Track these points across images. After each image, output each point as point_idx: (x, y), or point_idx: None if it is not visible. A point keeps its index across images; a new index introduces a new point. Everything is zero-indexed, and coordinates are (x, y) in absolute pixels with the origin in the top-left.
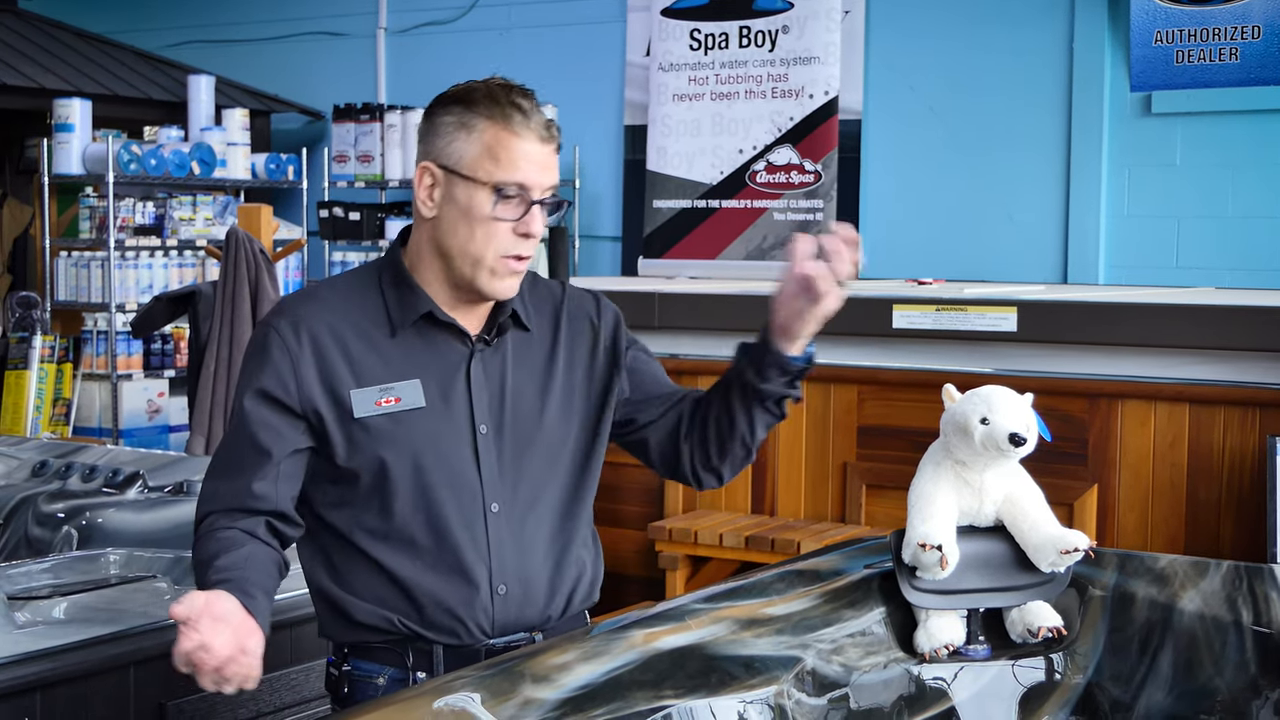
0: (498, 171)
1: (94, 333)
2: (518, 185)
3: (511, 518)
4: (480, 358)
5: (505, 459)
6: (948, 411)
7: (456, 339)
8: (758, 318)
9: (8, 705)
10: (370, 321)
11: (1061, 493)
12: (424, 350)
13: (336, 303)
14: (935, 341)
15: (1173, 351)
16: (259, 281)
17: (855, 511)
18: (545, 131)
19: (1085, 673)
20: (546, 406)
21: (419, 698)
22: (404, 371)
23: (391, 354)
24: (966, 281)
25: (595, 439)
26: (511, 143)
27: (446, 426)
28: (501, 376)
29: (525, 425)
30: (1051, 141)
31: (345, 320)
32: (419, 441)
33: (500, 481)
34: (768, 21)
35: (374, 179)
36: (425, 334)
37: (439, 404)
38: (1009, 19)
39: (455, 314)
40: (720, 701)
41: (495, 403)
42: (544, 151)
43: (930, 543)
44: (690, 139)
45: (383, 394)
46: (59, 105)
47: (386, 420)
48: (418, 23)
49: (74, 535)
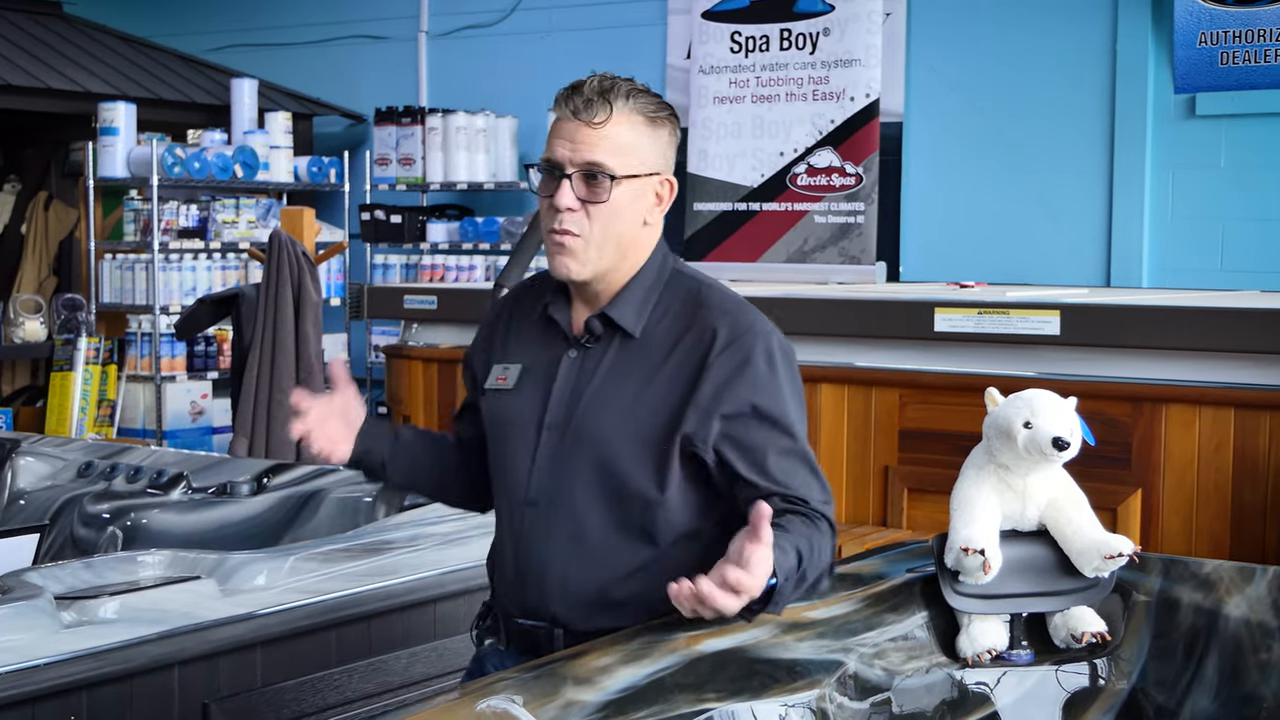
0: (544, 152)
1: (138, 335)
2: (546, 160)
3: (547, 517)
4: (574, 358)
5: (558, 460)
6: (990, 415)
7: (562, 336)
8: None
9: (54, 704)
10: (534, 305)
11: (1105, 497)
12: (537, 340)
13: (535, 283)
14: (977, 345)
15: (1217, 355)
16: (301, 284)
17: (897, 515)
18: (584, 109)
19: (1129, 678)
20: (618, 420)
21: (462, 699)
22: (519, 355)
23: (524, 338)
24: (1009, 285)
25: (664, 473)
26: (554, 124)
27: (521, 415)
28: (589, 380)
29: (586, 432)
30: (1094, 144)
31: (525, 300)
32: (501, 422)
33: (547, 479)
34: (809, 24)
35: (415, 182)
36: (546, 325)
37: (524, 393)
38: (1051, 21)
39: (574, 309)
40: (762, 705)
41: (570, 403)
42: (573, 126)
43: (973, 547)
44: (731, 141)
45: (503, 371)
46: (104, 109)
47: (493, 396)
48: (459, 26)
49: (119, 536)
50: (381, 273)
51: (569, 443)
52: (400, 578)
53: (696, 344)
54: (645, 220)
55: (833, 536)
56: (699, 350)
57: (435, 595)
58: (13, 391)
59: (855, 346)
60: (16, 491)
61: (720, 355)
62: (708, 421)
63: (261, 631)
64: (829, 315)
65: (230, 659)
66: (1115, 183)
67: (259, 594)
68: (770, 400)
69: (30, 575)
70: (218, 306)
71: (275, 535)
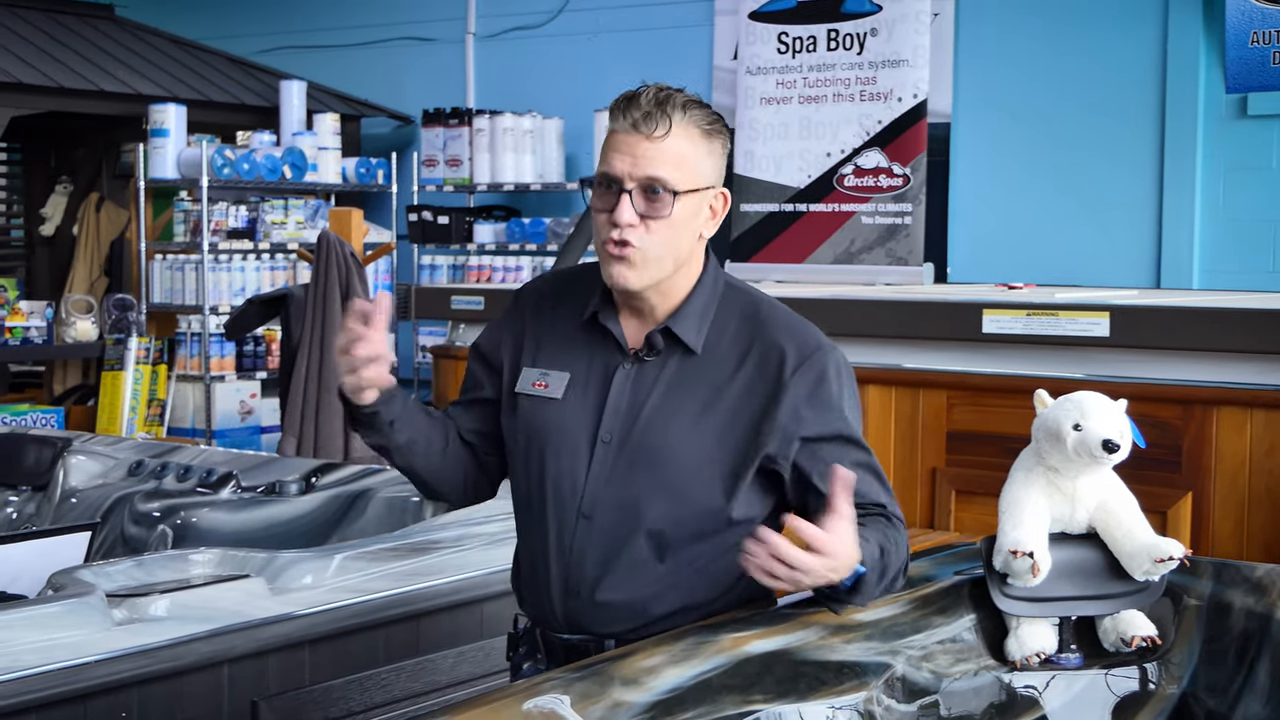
0: (599, 164)
1: (188, 334)
2: (604, 175)
3: (603, 530)
4: (630, 371)
5: (617, 473)
6: (1040, 417)
7: (614, 346)
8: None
9: (106, 701)
10: (573, 309)
11: (1155, 500)
12: (585, 348)
13: (566, 284)
14: (1026, 346)
15: (1269, 357)
16: (349, 284)
17: (944, 517)
18: (643, 121)
19: (1180, 683)
20: (688, 435)
21: (509, 698)
22: (564, 362)
23: (566, 343)
24: (1057, 286)
25: (734, 489)
26: (610, 136)
27: (573, 427)
28: (647, 394)
29: (649, 447)
30: (1144, 144)
31: (560, 301)
32: (544, 431)
33: (603, 493)
34: (856, 24)
35: (462, 183)
36: (592, 333)
37: (575, 403)
38: (1101, 20)
39: (624, 320)
40: (809, 707)
41: (628, 417)
42: (632, 140)
43: (1022, 549)
44: (778, 142)
45: (541, 377)
46: (155, 111)
47: (529, 402)
48: (506, 28)
49: (169, 534)
50: (428, 273)
51: (627, 457)
52: (447, 577)
53: (764, 362)
54: (701, 234)
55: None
56: (770, 368)
57: (482, 595)
58: (64, 391)
59: (903, 348)
60: (69, 490)
61: (795, 375)
62: (789, 440)
63: (310, 630)
64: (876, 317)
65: (279, 657)
66: (1165, 183)
67: (307, 593)
68: (844, 418)
69: (82, 573)
70: (266, 307)
71: (323, 534)
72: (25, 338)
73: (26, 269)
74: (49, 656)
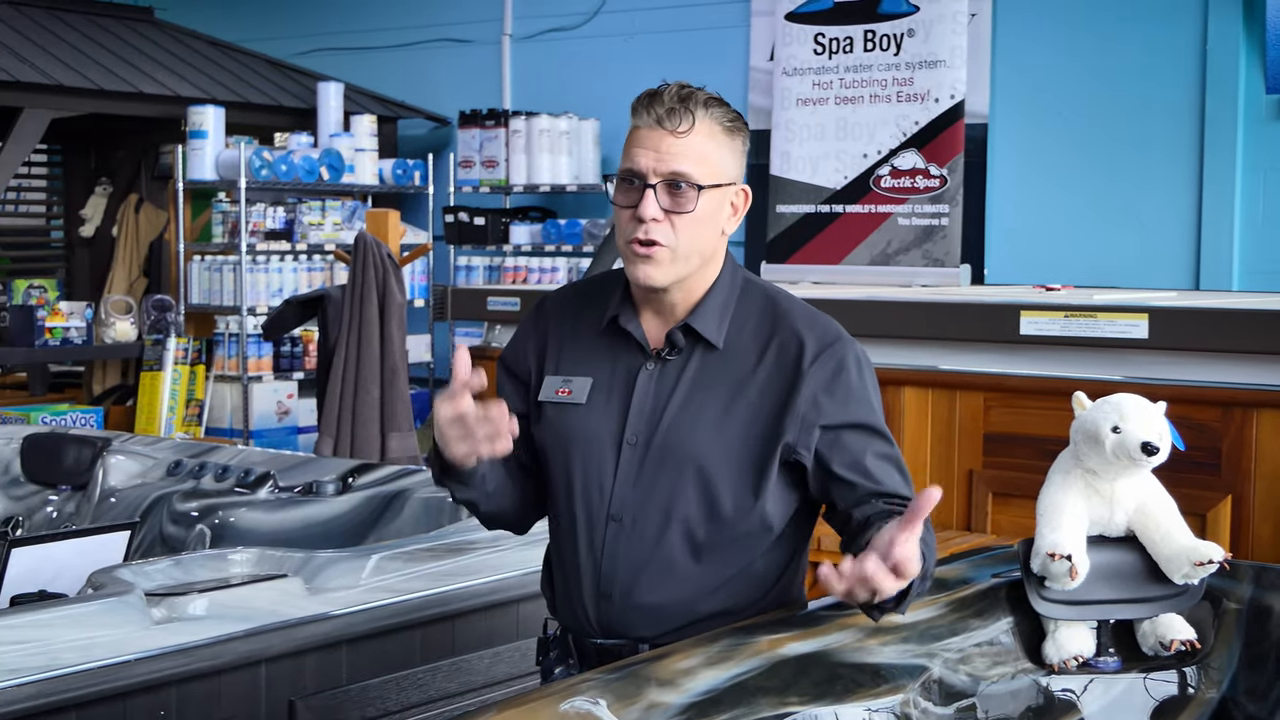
0: (622, 161)
1: (225, 335)
2: (628, 170)
3: (633, 531)
4: (653, 371)
5: (644, 474)
6: (1078, 419)
7: (636, 348)
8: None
9: (144, 699)
10: (594, 316)
11: (1194, 503)
12: (606, 352)
13: (587, 291)
14: (1064, 348)
15: None
16: (386, 285)
17: (981, 520)
18: (667, 117)
19: (1219, 687)
20: (712, 432)
21: (545, 699)
22: (586, 368)
23: (588, 349)
24: (1096, 287)
25: (761, 482)
26: (632, 133)
27: (598, 431)
28: (670, 392)
29: (675, 445)
30: (1183, 144)
31: (581, 309)
32: (570, 437)
33: (631, 494)
34: (893, 25)
35: (499, 184)
36: (614, 337)
37: (599, 407)
38: (1139, 20)
39: (645, 321)
40: (846, 709)
41: (653, 417)
42: (656, 135)
43: (1060, 552)
44: (814, 143)
45: (563, 384)
46: (193, 112)
47: (554, 410)
48: (542, 29)
49: (207, 534)
50: (465, 274)
51: (654, 456)
52: (484, 577)
53: (783, 353)
54: (723, 230)
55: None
56: (789, 359)
57: (518, 595)
58: (103, 391)
59: (939, 350)
60: (108, 489)
61: (814, 364)
62: (809, 429)
63: (347, 630)
64: (912, 318)
65: (316, 656)
66: (1205, 184)
67: (344, 593)
68: (865, 407)
69: (121, 572)
70: (304, 307)
71: (360, 534)
72: (65, 338)
73: (66, 270)
74: (88, 655)
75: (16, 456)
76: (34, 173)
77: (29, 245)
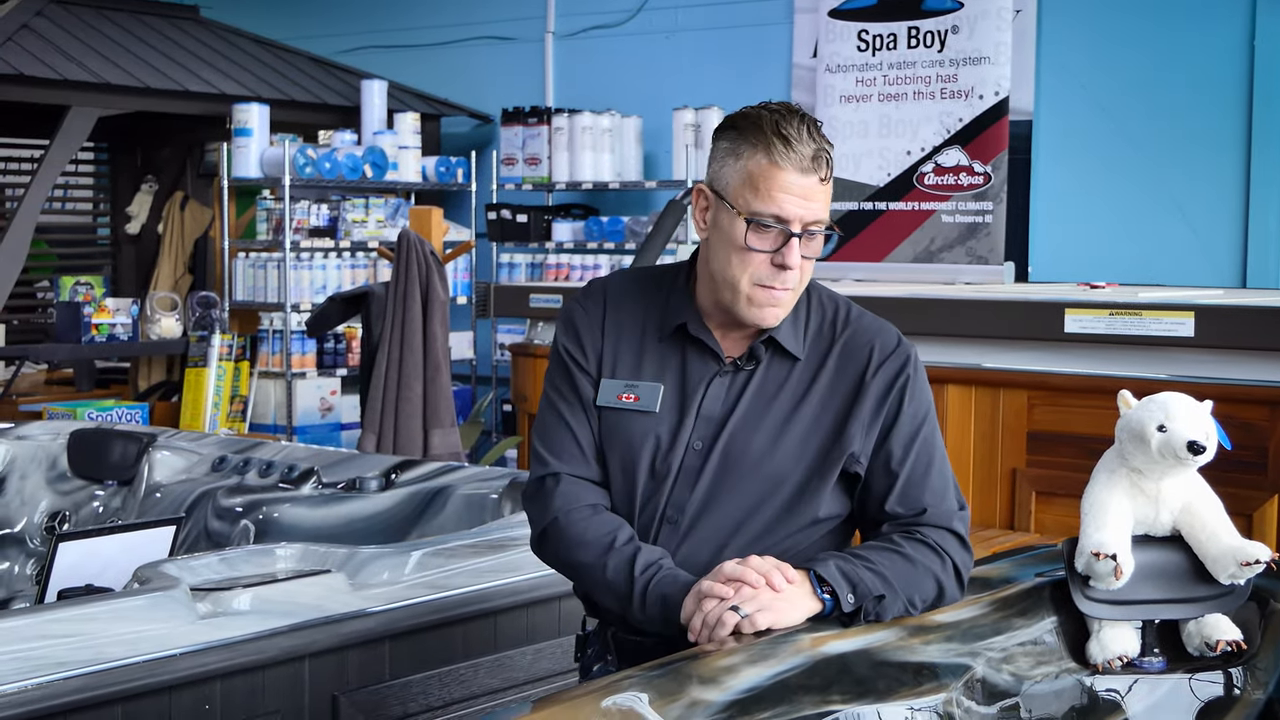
0: (755, 202)
1: (270, 332)
2: (773, 217)
3: (690, 535)
4: (724, 379)
5: (705, 479)
6: (1123, 418)
7: (709, 356)
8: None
9: (189, 693)
10: (646, 319)
11: (1241, 503)
12: (675, 359)
13: (631, 290)
14: (1108, 347)
15: None
16: (429, 282)
17: (1025, 518)
18: (809, 163)
19: (1265, 689)
20: (775, 439)
21: (587, 695)
22: (654, 374)
23: (650, 355)
24: (1141, 285)
25: (821, 488)
26: (771, 173)
27: (665, 437)
28: (738, 399)
29: (738, 452)
30: (1230, 142)
31: (630, 311)
32: (635, 443)
33: (690, 499)
34: (937, 21)
35: (541, 181)
36: (683, 344)
37: (669, 414)
38: (1187, 17)
39: (718, 332)
40: (888, 708)
41: (718, 423)
42: (804, 183)
43: (1105, 551)
44: (857, 140)
45: (626, 390)
46: (238, 110)
47: (617, 415)
48: (585, 26)
49: (251, 529)
50: (507, 271)
51: (716, 462)
52: (525, 574)
53: (848, 361)
54: None
55: (950, 550)
56: (854, 367)
57: (560, 592)
58: (149, 387)
59: (983, 347)
60: (153, 485)
61: (877, 374)
62: (869, 436)
63: (390, 625)
64: (956, 316)
65: (359, 652)
66: (1252, 181)
67: (387, 588)
68: (924, 416)
69: (167, 566)
70: (347, 304)
71: (403, 530)
72: (111, 334)
73: (113, 267)
74: (134, 649)
75: (63, 452)
76: (81, 170)
77: (76, 242)
